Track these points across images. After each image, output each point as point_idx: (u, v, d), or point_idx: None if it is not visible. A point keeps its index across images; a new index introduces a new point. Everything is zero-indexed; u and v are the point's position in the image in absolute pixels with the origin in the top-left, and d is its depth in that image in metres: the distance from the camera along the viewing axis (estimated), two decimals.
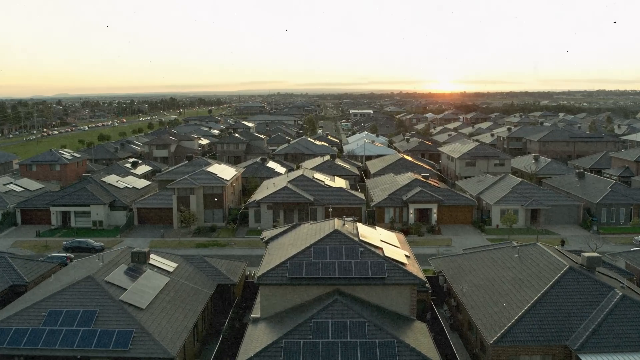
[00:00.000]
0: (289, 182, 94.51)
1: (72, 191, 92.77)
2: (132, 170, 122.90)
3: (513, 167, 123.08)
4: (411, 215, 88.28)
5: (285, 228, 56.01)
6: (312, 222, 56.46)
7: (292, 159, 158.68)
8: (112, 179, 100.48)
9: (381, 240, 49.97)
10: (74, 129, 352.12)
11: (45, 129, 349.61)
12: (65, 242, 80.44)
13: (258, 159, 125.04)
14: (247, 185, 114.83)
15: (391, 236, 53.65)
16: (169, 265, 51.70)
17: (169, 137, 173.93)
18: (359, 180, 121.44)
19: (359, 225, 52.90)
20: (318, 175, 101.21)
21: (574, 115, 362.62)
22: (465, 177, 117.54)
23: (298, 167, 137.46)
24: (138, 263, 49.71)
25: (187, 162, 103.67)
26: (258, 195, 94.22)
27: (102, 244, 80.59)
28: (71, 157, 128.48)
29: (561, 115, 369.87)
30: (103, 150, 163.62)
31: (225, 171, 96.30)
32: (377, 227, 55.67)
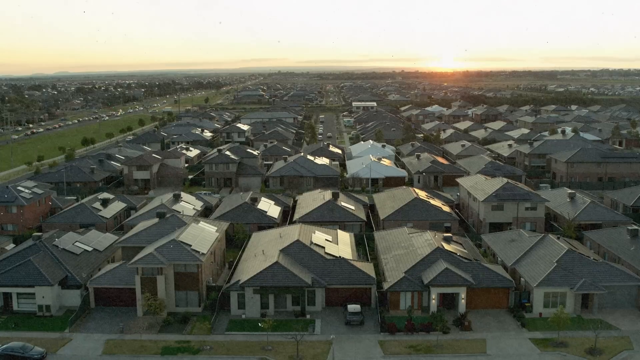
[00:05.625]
0: (282, 251, 76.81)
1: (14, 265, 74.96)
2: (100, 213, 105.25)
3: (546, 207, 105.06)
4: (433, 301, 70.76)
5: None
6: None
7: (288, 183, 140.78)
8: (67, 240, 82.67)
9: None
10: (62, 124, 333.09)
11: (31, 125, 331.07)
12: None
13: (247, 199, 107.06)
14: (234, 235, 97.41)
15: None
16: None
17: (152, 155, 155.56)
18: (366, 224, 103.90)
19: None
20: (317, 237, 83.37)
21: (588, 110, 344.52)
22: (492, 225, 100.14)
23: (295, 202, 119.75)
24: None
25: (158, 220, 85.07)
26: (243, 270, 76.60)
27: (43, 350, 63.21)
28: (31, 195, 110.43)
29: (574, 109, 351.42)
30: (77, 171, 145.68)
31: (202, 236, 78.44)
32: None
